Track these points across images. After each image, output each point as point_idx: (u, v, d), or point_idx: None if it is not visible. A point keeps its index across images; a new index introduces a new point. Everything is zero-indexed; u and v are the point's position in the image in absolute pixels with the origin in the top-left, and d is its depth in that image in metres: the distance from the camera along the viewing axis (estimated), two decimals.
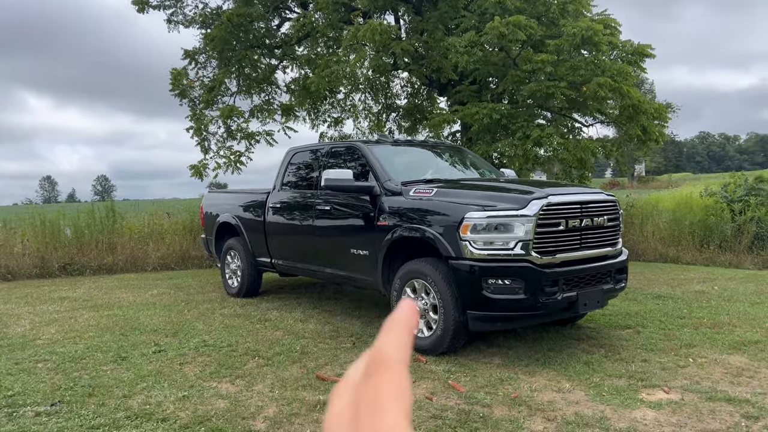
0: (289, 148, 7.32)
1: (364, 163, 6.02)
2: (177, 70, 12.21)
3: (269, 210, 7.11)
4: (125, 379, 4.53)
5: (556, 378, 4.42)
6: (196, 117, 12.16)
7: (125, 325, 6.32)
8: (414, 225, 5.11)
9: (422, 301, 5.06)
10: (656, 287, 8.06)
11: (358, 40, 10.28)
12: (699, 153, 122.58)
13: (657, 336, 5.50)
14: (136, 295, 8.11)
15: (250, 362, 4.93)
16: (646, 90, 64.83)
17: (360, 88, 13.81)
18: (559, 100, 9.37)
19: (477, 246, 4.64)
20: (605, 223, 5.06)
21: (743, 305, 6.80)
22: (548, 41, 9.67)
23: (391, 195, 5.50)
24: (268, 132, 12.39)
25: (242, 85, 12.78)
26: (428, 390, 4.20)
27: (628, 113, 9.92)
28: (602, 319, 6.20)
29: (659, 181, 56.06)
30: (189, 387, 4.34)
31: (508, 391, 4.16)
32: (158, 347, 5.39)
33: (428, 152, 6.98)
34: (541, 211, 4.63)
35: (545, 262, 4.66)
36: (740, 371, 4.50)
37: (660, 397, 4.01)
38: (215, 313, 6.80)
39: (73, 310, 7.20)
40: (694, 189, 17.30)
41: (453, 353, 4.99)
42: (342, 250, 5.97)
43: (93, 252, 10.93)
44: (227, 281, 7.98)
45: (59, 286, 9.22)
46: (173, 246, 11.42)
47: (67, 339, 5.77)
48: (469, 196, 4.94)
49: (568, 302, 4.75)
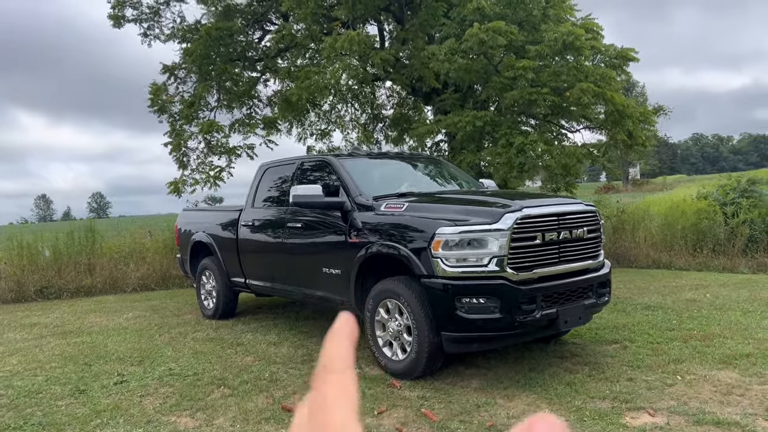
0: (260, 164, 7.08)
1: (336, 177, 5.78)
2: (156, 85, 11.99)
3: (242, 227, 6.86)
4: (79, 415, 4.26)
5: (535, 402, 4.16)
6: (175, 133, 11.92)
7: (91, 353, 6.04)
8: (385, 242, 4.86)
9: (396, 322, 4.80)
10: (646, 296, 7.81)
11: (336, 50, 10.08)
12: (693, 155, 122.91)
13: (644, 351, 5.24)
14: (110, 319, 7.83)
15: (214, 392, 4.66)
16: (638, 93, 64.96)
17: (344, 99, 13.61)
18: (542, 107, 9.16)
19: (449, 263, 4.39)
20: (585, 234, 4.82)
21: (735, 314, 6.56)
22: (530, 47, 9.48)
23: (362, 210, 5.26)
24: (249, 146, 12.15)
25: (223, 99, 12.55)
26: (399, 420, 3.94)
27: (613, 118, 9.71)
28: (588, 333, 5.95)
29: (654, 184, 55.92)
30: (146, 422, 4.08)
31: (483, 418, 3.90)
32: (121, 377, 5.12)
33: (404, 165, 6.74)
34: (516, 224, 4.39)
35: (522, 279, 4.41)
36: (730, 389, 4.25)
37: (644, 421, 3.75)
38: (187, 338, 6.52)
39: (40, 337, 6.92)
40: (687, 192, 17.14)
41: (429, 377, 4.73)
42: (314, 269, 5.72)
43: (71, 274, 10.65)
44: (202, 302, 7.71)
45: (33, 311, 8.93)
46: (154, 265, 11.14)
47: (27, 371, 5.49)
48: (441, 211, 4.71)
49: (548, 320, 4.50)
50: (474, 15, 9.64)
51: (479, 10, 9.61)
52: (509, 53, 10.16)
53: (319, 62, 12.37)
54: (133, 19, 12.82)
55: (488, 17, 9.64)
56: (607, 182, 63.79)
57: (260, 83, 13.47)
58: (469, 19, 9.77)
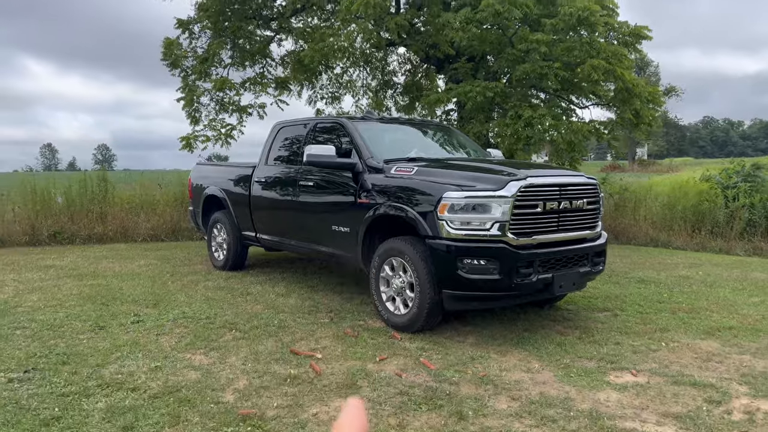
0: (275, 123, 7.28)
1: (349, 139, 5.99)
2: (169, 39, 12.07)
3: (255, 184, 7.10)
4: (101, 348, 4.56)
5: (527, 358, 4.46)
6: (187, 88, 12.06)
7: (107, 294, 6.35)
8: (393, 203, 5.10)
9: (399, 279, 5.08)
10: (641, 271, 8.08)
11: (351, 12, 10.15)
12: (702, 138, 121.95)
13: (633, 320, 5.53)
14: (123, 266, 8.14)
15: (226, 335, 4.97)
16: (651, 72, 64.28)
17: (356, 63, 13.68)
18: (552, 81, 9.28)
19: (454, 226, 4.64)
20: (584, 206, 5.05)
21: (724, 291, 6.83)
22: (545, 20, 9.54)
23: (372, 172, 5.49)
24: (260, 105, 12.30)
25: (236, 57, 12.65)
26: (399, 367, 4.24)
27: (622, 96, 9.82)
28: (582, 301, 6.23)
29: (660, 165, 55.79)
30: (163, 358, 4.38)
31: (477, 369, 4.19)
32: (137, 317, 5.43)
33: (414, 130, 6.94)
34: (519, 192, 4.62)
35: (521, 243, 4.66)
36: (710, 356, 4.53)
37: (627, 379, 4.05)
38: (198, 286, 6.83)
39: (57, 278, 7.23)
40: (692, 174, 17.27)
41: (428, 331, 5.02)
42: (324, 226, 5.98)
43: (84, 221, 10.94)
44: (213, 254, 8.00)
45: (47, 254, 9.25)
46: (164, 217, 11.43)
47: (48, 307, 5.81)
48: (448, 176, 4.93)
49: (544, 284, 4.77)
50: None
51: None
52: (524, 25, 10.22)
53: (333, 24, 12.42)
54: None
55: None
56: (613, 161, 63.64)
57: (274, 42, 13.54)
58: None
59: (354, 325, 5.25)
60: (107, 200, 11.49)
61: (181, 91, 12.22)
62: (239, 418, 3.39)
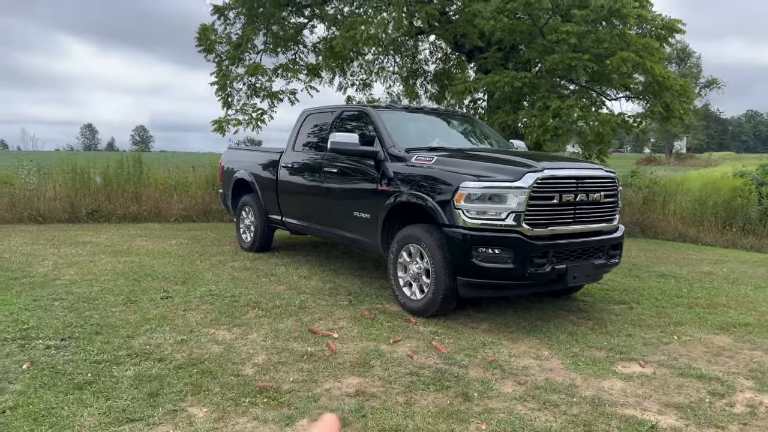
0: (303, 110, 7.46)
1: (373, 128, 6.13)
2: (204, 25, 12.35)
3: (282, 169, 7.31)
4: (131, 321, 4.84)
5: (537, 346, 4.58)
6: (221, 73, 12.34)
7: (140, 271, 6.66)
8: (413, 191, 5.24)
9: (416, 265, 5.23)
10: (664, 266, 8.07)
11: (383, 0, 10.24)
12: (745, 132, 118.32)
13: (648, 313, 5.58)
14: (155, 244, 8.48)
15: (249, 312, 5.20)
16: (692, 64, 62.63)
17: (386, 51, 13.77)
18: (581, 73, 9.24)
19: (470, 215, 4.76)
20: (601, 198, 5.11)
21: (746, 288, 6.80)
22: (575, 11, 9.49)
23: (394, 161, 5.63)
24: (291, 91, 12.52)
25: (269, 43, 12.86)
26: (411, 348, 4.40)
27: (652, 89, 9.73)
28: (599, 293, 6.30)
29: (698, 159, 54.55)
30: (188, 332, 4.63)
31: (487, 354, 4.33)
32: (166, 293, 5.71)
33: (438, 120, 7.05)
34: (536, 183, 4.71)
35: (536, 234, 4.76)
36: (721, 351, 4.58)
37: (633, 370, 4.14)
38: (225, 265, 7.10)
39: (94, 254, 7.59)
40: (729, 169, 16.93)
41: (443, 316, 5.17)
42: (346, 212, 6.15)
43: (120, 200, 11.37)
44: (241, 236, 8.27)
45: (85, 231, 9.66)
46: (196, 199, 11.79)
47: (84, 281, 6.14)
48: (466, 166, 5.04)
49: (557, 274, 4.86)
50: None
51: None
52: (555, 16, 10.16)
53: (366, 11, 12.52)
54: None
55: None
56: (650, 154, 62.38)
57: (306, 29, 13.71)
58: None
59: (371, 308, 5.43)
60: (142, 181, 11.90)
61: (215, 76, 12.51)
62: (257, 390, 3.61)
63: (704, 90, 49.86)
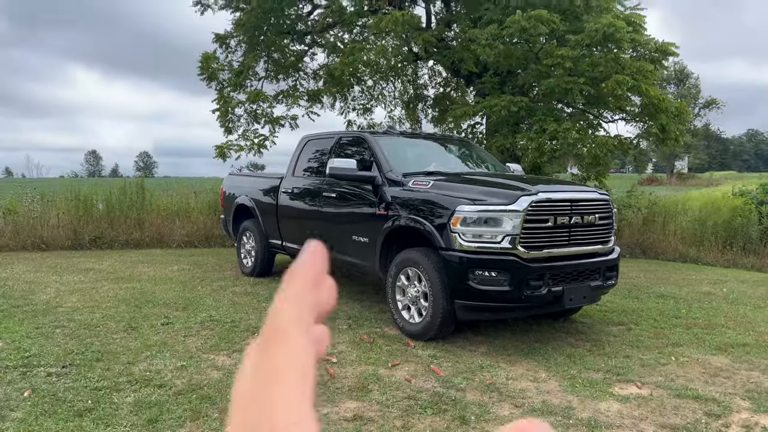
0: (302, 136, 7.59)
1: (370, 153, 6.23)
2: (207, 54, 12.57)
3: (282, 194, 7.40)
4: (132, 348, 4.88)
5: (534, 368, 4.60)
6: (222, 100, 12.53)
7: (141, 297, 6.71)
8: (410, 215, 5.31)
9: (415, 288, 5.27)
10: (663, 286, 8.09)
11: (381, 29, 10.44)
12: (746, 151, 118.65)
13: (646, 334, 5.60)
14: (157, 270, 8.54)
15: (249, 338, 5.23)
16: (691, 84, 63.05)
17: (386, 77, 13.97)
18: (577, 96, 9.37)
19: (466, 238, 4.82)
20: (596, 221, 5.17)
21: (745, 308, 6.82)
22: (570, 36, 9.66)
23: (391, 185, 5.71)
24: (292, 116, 12.70)
25: (270, 70, 13.08)
26: (409, 372, 4.43)
27: (648, 111, 9.85)
28: (597, 314, 6.32)
29: (699, 179, 54.59)
30: (188, 358, 4.67)
31: (485, 377, 4.36)
32: (167, 320, 5.75)
33: (435, 145, 7.15)
34: (530, 207, 4.78)
35: (532, 257, 4.82)
36: (718, 371, 4.60)
37: (630, 391, 4.15)
38: (226, 291, 7.15)
39: (96, 281, 7.65)
40: (730, 189, 16.98)
41: (441, 339, 5.20)
42: (345, 236, 6.22)
43: (122, 227, 11.45)
44: (242, 261, 8.33)
45: (88, 258, 9.73)
46: (198, 224, 11.87)
47: (86, 308, 6.19)
48: (462, 190, 5.12)
49: (554, 296, 4.90)
50: (518, 2, 9.86)
51: None
52: (550, 41, 10.33)
53: (366, 38, 12.75)
54: None
55: (532, 4, 9.84)
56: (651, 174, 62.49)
57: (307, 56, 13.93)
58: (512, 5, 9.98)
59: (370, 332, 5.46)
60: (145, 207, 11.99)
61: (217, 103, 12.70)
62: None
63: (703, 110, 50.22)
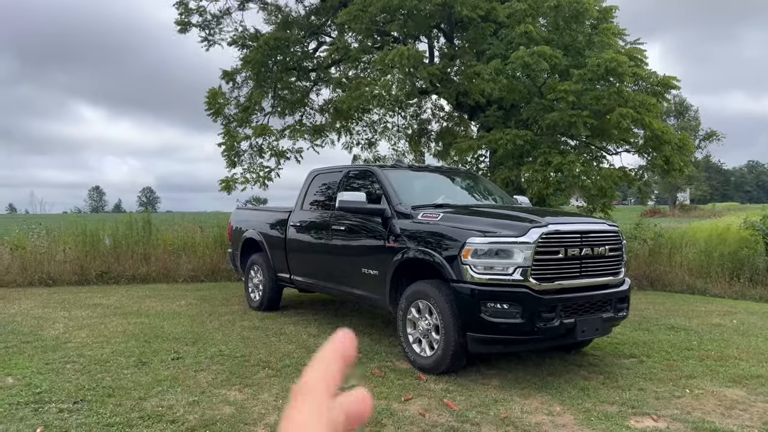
0: (311, 170, 7.67)
1: (379, 186, 6.29)
2: (214, 90, 12.78)
3: (290, 228, 7.44)
4: (143, 383, 4.85)
5: (549, 401, 4.56)
6: (228, 134, 12.69)
7: (150, 332, 6.69)
8: (420, 247, 5.34)
9: (426, 321, 5.26)
10: (673, 318, 8.04)
11: (386, 64, 10.63)
12: (748, 182, 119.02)
13: (659, 366, 5.56)
14: (164, 305, 8.53)
15: (260, 372, 5.21)
16: (691, 117, 63.63)
17: (391, 110, 14.16)
18: (581, 129, 9.49)
19: (477, 270, 4.84)
20: (606, 252, 5.19)
21: (757, 340, 6.77)
22: (573, 70, 9.83)
23: (401, 218, 5.75)
24: (298, 150, 12.84)
25: (276, 106, 13.27)
26: (422, 407, 4.39)
27: (652, 143, 9.95)
28: (608, 347, 6.28)
29: (702, 210, 54.62)
30: (200, 393, 4.64)
31: (499, 411, 4.32)
32: (177, 354, 5.73)
33: (443, 178, 7.22)
34: (541, 238, 4.80)
35: (544, 288, 4.82)
36: (734, 404, 4.55)
37: (646, 424, 4.11)
38: (235, 325, 7.13)
39: (104, 316, 7.64)
40: (733, 220, 16.99)
41: (453, 373, 5.16)
42: (354, 269, 6.23)
43: (129, 262, 11.47)
44: (250, 295, 8.33)
45: (95, 293, 9.73)
46: (204, 259, 11.88)
47: (95, 343, 6.17)
48: (472, 222, 5.15)
49: (566, 328, 4.89)
50: (521, 38, 10.05)
51: (526, 34, 10.02)
52: (553, 76, 10.50)
53: (371, 74, 12.96)
54: (197, 24, 13.69)
55: (535, 41, 10.03)
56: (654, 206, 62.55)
57: (312, 92, 14.15)
58: (516, 42, 10.17)
59: (381, 366, 5.43)
60: (151, 242, 12.03)
61: (222, 137, 12.85)
62: None
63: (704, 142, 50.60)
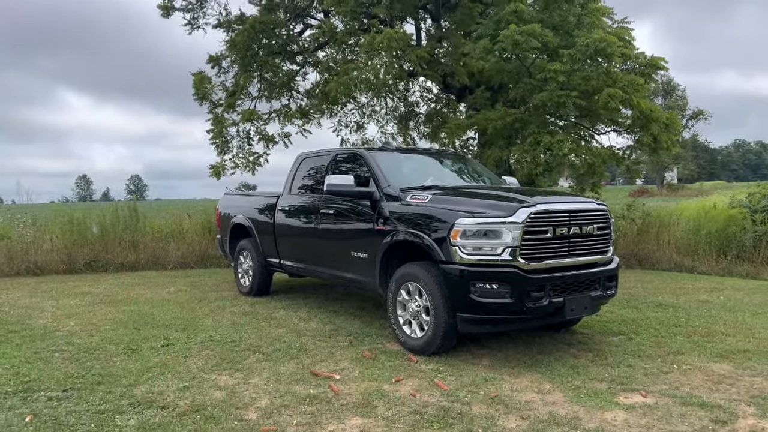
0: (298, 154, 7.60)
1: (367, 169, 6.25)
2: (200, 74, 12.63)
3: (278, 213, 7.40)
4: (133, 370, 4.83)
5: (539, 380, 4.59)
6: (216, 120, 12.57)
7: (139, 319, 6.66)
8: (409, 230, 5.32)
9: (415, 303, 5.26)
10: (660, 296, 8.11)
11: (373, 47, 10.53)
12: (734, 161, 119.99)
13: (648, 343, 5.61)
14: (154, 292, 8.48)
15: (250, 357, 5.20)
16: (678, 96, 63.86)
17: (379, 94, 14.06)
18: (570, 109, 9.48)
19: (466, 251, 4.83)
20: (594, 231, 5.19)
21: (743, 315, 6.84)
22: (562, 50, 9.78)
23: (389, 200, 5.72)
24: (286, 134, 12.75)
25: (263, 90, 13.14)
26: (413, 387, 4.41)
27: (640, 122, 9.96)
28: (597, 325, 6.32)
29: (690, 189, 55.03)
30: (190, 378, 4.63)
31: (489, 390, 4.34)
32: (167, 341, 5.71)
33: (431, 160, 7.18)
34: (529, 218, 4.80)
35: (532, 268, 4.82)
36: (722, 378, 4.60)
37: (636, 400, 4.15)
38: (225, 311, 7.11)
39: (93, 304, 7.59)
40: (720, 198, 17.11)
41: (444, 353, 5.18)
42: (343, 253, 6.21)
43: (117, 250, 11.40)
44: (239, 280, 8.30)
45: (83, 281, 9.66)
46: (193, 245, 11.82)
47: (84, 331, 6.13)
48: (461, 203, 5.14)
49: (555, 307, 4.90)
50: (511, 16, 9.97)
51: (516, 12, 9.94)
52: (542, 55, 10.44)
53: (358, 57, 12.85)
54: (180, 8, 13.49)
55: (524, 20, 9.95)
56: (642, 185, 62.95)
57: (299, 75, 14.02)
58: (505, 20, 10.09)
59: (372, 348, 5.44)
60: (139, 230, 11.95)
61: (210, 123, 12.73)
62: None
63: (691, 121, 50.83)
